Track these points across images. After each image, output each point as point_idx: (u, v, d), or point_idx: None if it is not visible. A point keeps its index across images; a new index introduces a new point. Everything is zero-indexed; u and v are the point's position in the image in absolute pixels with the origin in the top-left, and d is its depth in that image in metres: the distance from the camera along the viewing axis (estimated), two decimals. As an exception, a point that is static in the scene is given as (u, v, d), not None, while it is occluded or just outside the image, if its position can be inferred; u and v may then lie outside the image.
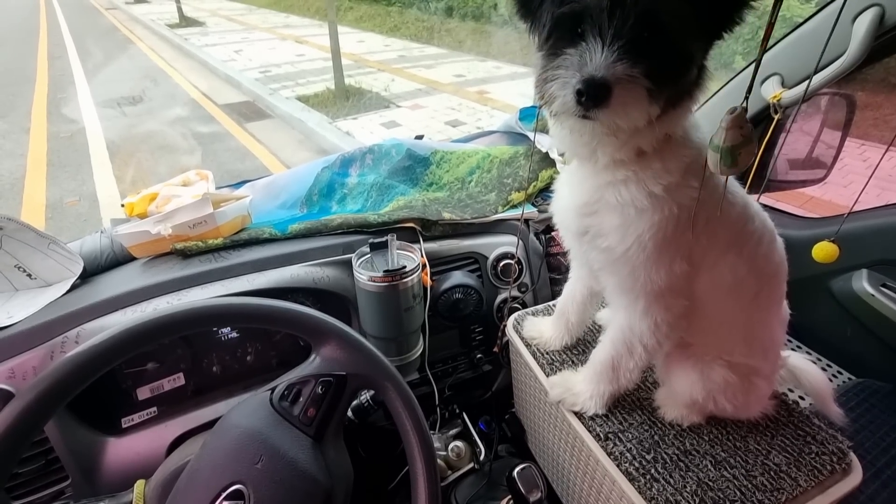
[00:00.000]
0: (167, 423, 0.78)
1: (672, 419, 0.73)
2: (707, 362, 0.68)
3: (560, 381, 0.79)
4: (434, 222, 0.95)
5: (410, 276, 0.78)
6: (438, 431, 0.99)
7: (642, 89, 0.47)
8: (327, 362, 0.59)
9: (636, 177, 0.58)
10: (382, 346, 0.84)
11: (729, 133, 0.46)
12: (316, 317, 0.59)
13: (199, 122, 4.78)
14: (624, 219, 0.60)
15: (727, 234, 0.62)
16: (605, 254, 0.63)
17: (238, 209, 0.85)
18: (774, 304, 0.70)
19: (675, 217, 0.58)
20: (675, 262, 0.60)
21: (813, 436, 0.71)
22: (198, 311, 0.52)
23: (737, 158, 0.47)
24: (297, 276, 0.80)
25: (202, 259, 0.78)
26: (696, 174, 0.57)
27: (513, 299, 1.03)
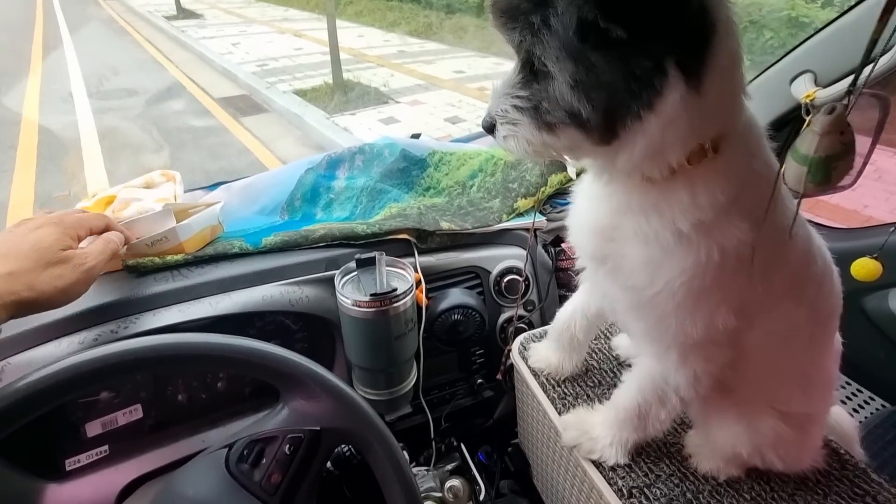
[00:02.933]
0: (120, 465, 0.68)
1: (707, 471, 0.62)
2: (755, 412, 0.58)
3: (575, 423, 0.68)
4: (431, 233, 0.84)
5: (403, 299, 0.67)
6: (434, 467, 0.88)
7: (525, 117, 0.44)
8: (297, 415, 0.48)
9: (657, 209, 0.47)
10: (370, 379, 0.73)
11: (824, 140, 0.35)
12: (282, 357, 0.48)
13: (194, 116, 4.67)
14: (650, 256, 0.48)
15: (786, 280, 0.51)
16: (628, 293, 0.52)
17: (206, 219, 0.73)
18: (829, 341, 0.60)
19: (716, 264, 0.46)
20: (719, 315, 0.48)
21: (873, 496, 0.60)
22: (116, 355, 0.41)
23: (830, 173, 0.36)
24: (271, 297, 0.69)
25: (158, 277, 0.67)
26: (744, 210, 0.45)
27: (518, 319, 0.93)
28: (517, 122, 0.45)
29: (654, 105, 0.38)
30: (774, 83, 1.15)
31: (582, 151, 0.46)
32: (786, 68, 1.12)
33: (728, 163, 0.44)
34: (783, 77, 1.12)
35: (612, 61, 0.38)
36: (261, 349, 0.47)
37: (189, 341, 0.44)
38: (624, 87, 0.38)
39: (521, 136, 0.45)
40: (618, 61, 0.38)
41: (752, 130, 0.47)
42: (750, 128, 0.47)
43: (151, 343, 0.43)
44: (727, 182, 0.44)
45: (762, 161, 0.47)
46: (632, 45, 0.37)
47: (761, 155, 0.47)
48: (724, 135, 0.44)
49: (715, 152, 0.44)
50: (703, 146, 0.43)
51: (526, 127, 0.44)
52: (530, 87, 0.43)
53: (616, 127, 0.41)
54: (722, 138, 0.44)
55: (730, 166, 0.45)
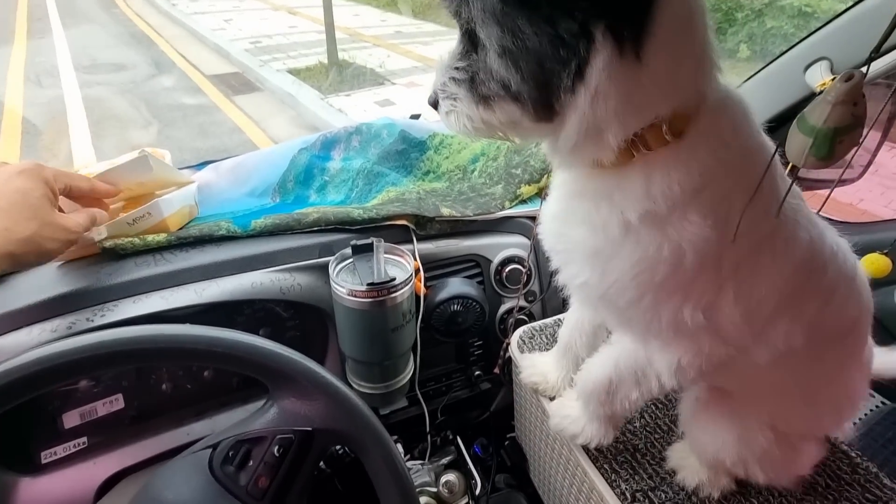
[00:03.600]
0: (99, 458, 0.64)
1: (695, 486, 0.58)
2: (750, 426, 0.54)
3: (557, 407, 0.66)
4: (430, 219, 0.80)
5: (401, 289, 0.64)
6: (429, 461, 0.86)
7: (462, 90, 0.41)
8: (287, 415, 0.45)
9: (608, 196, 0.42)
10: (364, 372, 0.70)
11: (836, 109, 0.32)
12: (271, 352, 0.44)
13: (185, 93, 4.54)
14: (598, 247, 0.44)
15: (775, 295, 0.44)
16: (584, 287, 0.48)
17: (186, 196, 0.68)
18: (850, 356, 0.53)
19: (668, 261, 0.41)
20: (683, 312, 0.43)
21: (885, 502, 0.58)
22: (87, 347, 0.37)
23: (834, 147, 0.33)
24: (261, 284, 0.65)
25: (139, 261, 0.63)
26: (707, 205, 0.40)
27: (519, 310, 0.89)
28: (455, 95, 0.41)
29: (583, 74, 0.34)
30: (788, 70, 1.11)
31: (523, 130, 0.42)
32: (801, 55, 1.08)
33: (691, 150, 0.39)
34: (798, 64, 1.08)
35: (537, 24, 0.34)
36: (247, 343, 0.44)
37: (168, 333, 0.41)
38: (552, 54, 0.34)
39: (460, 112, 0.42)
40: (544, 24, 0.34)
41: (727, 112, 0.41)
42: (724, 109, 0.40)
43: (126, 335, 0.39)
44: (687, 173, 0.39)
45: (740, 150, 0.41)
46: (557, 5, 0.33)
47: (739, 142, 0.41)
48: (688, 115, 0.39)
49: (677, 136, 0.39)
50: (658, 128, 0.38)
51: (463, 101, 0.41)
52: (469, 57, 0.40)
53: (551, 100, 0.37)
54: (685, 119, 0.39)
55: (693, 154, 0.39)
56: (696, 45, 0.37)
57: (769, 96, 1.18)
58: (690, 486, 0.59)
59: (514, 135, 0.43)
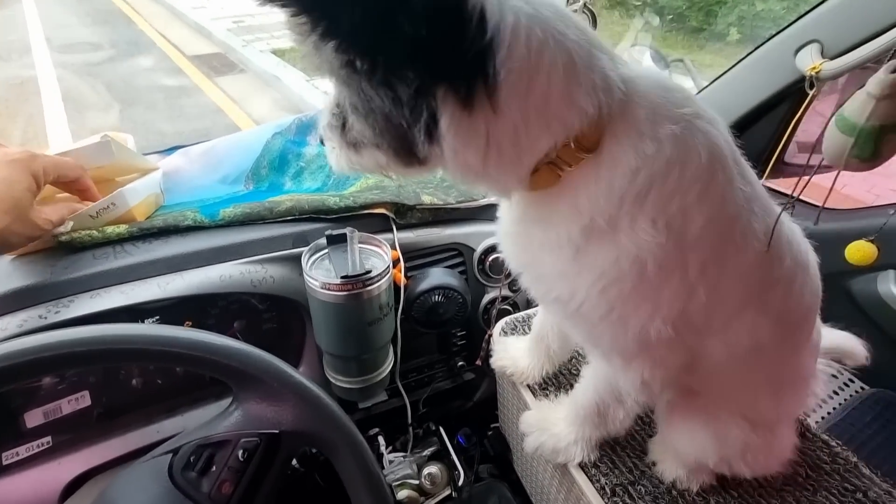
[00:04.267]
0: (64, 458, 0.62)
1: (673, 479, 0.58)
2: (722, 420, 0.53)
3: (537, 421, 0.64)
4: (411, 207, 0.77)
5: (377, 282, 0.61)
6: (411, 453, 0.85)
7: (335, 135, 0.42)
8: (252, 417, 0.43)
9: (549, 220, 0.42)
10: (342, 366, 0.68)
11: (882, 105, 0.29)
12: (234, 350, 0.42)
13: (165, 74, 4.40)
14: (562, 267, 0.43)
15: (741, 289, 0.44)
16: (555, 305, 0.47)
17: (152, 184, 0.65)
18: (804, 339, 0.54)
19: (630, 273, 0.39)
20: (651, 326, 0.42)
21: (864, 492, 0.58)
22: (27, 350, 0.35)
23: (881, 147, 0.30)
24: (230, 277, 0.62)
25: (98, 254, 0.59)
26: (655, 208, 0.38)
27: (503, 300, 0.88)
28: (331, 139, 0.42)
29: (437, 132, 0.34)
30: (778, 53, 1.08)
31: (398, 172, 0.42)
32: (791, 38, 1.05)
33: (611, 160, 0.38)
34: (788, 47, 1.06)
35: (376, 87, 0.33)
36: (206, 342, 0.41)
37: (117, 333, 0.38)
38: (397, 114, 0.34)
39: (339, 155, 0.42)
40: (382, 87, 0.33)
41: (637, 107, 0.38)
42: (632, 106, 0.38)
43: (69, 337, 0.36)
44: (609, 185, 0.38)
45: (670, 141, 0.37)
46: (390, 71, 0.32)
47: (662, 133, 0.37)
48: (593, 130, 0.37)
49: (591, 151, 0.37)
50: (569, 148, 0.37)
51: (337, 146, 0.42)
52: (342, 104, 0.39)
53: (413, 151, 0.36)
54: (595, 132, 0.37)
55: (614, 164, 0.38)
56: (558, 75, 0.35)
57: (759, 80, 1.16)
58: (669, 479, 0.58)
59: (389, 175, 0.43)
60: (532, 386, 0.71)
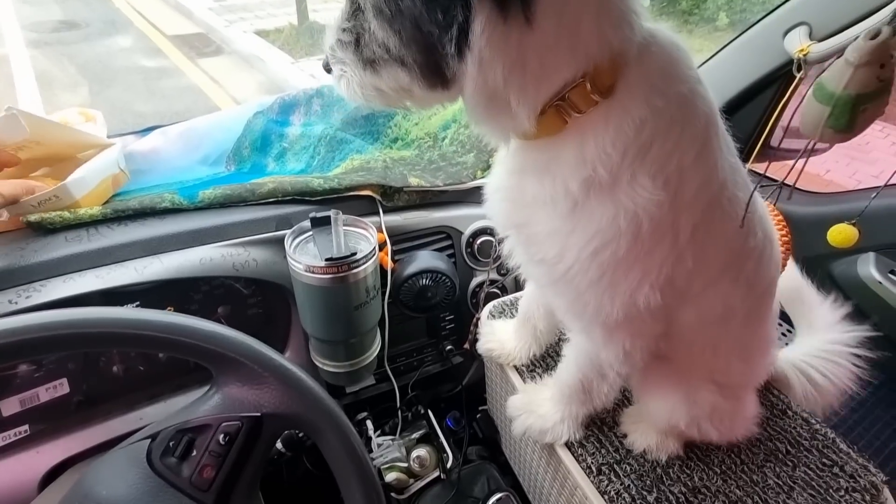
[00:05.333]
0: (42, 446, 0.60)
1: (643, 449, 0.59)
2: (693, 384, 0.55)
3: (524, 404, 0.64)
4: (398, 189, 0.76)
5: (363, 264, 0.60)
6: (399, 436, 0.85)
7: (348, 53, 0.38)
8: (232, 401, 0.42)
9: (548, 169, 0.40)
10: (328, 350, 0.67)
11: (859, 72, 0.28)
12: (210, 333, 0.40)
13: (144, 55, 4.26)
14: (555, 224, 0.42)
15: (722, 256, 0.44)
16: (541, 268, 0.45)
17: (103, 167, 0.61)
18: (767, 309, 0.55)
19: (626, 232, 0.38)
20: (640, 294, 0.42)
21: (841, 466, 0.60)
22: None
23: (856, 117, 0.30)
24: (210, 260, 0.61)
25: (70, 237, 0.57)
26: (654, 165, 0.37)
27: (492, 283, 0.87)
28: (343, 60, 0.38)
29: (466, 40, 0.31)
30: (767, 36, 1.08)
31: (416, 97, 0.38)
32: (779, 20, 1.05)
33: (620, 107, 0.36)
34: (777, 29, 1.05)
35: None
36: (182, 325, 0.40)
37: (88, 317, 0.36)
38: (428, 17, 0.31)
39: (350, 78, 0.38)
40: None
41: (655, 59, 0.37)
42: (651, 56, 0.37)
43: (37, 321, 0.35)
44: (616, 132, 0.36)
45: (676, 98, 0.37)
46: None
47: (673, 90, 0.37)
48: (613, 69, 0.35)
49: (605, 95, 0.36)
50: (583, 87, 0.35)
51: (350, 65, 0.38)
52: (356, 16, 0.36)
53: (440, 66, 0.33)
54: (611, 74, 0.35)
55: (623, 111, 0.36)
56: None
57: (748, 63, 1.15)
58: (639, 449, 0.60)
59: (409, 102, 0.39)
60: (519, 367, 0.72)
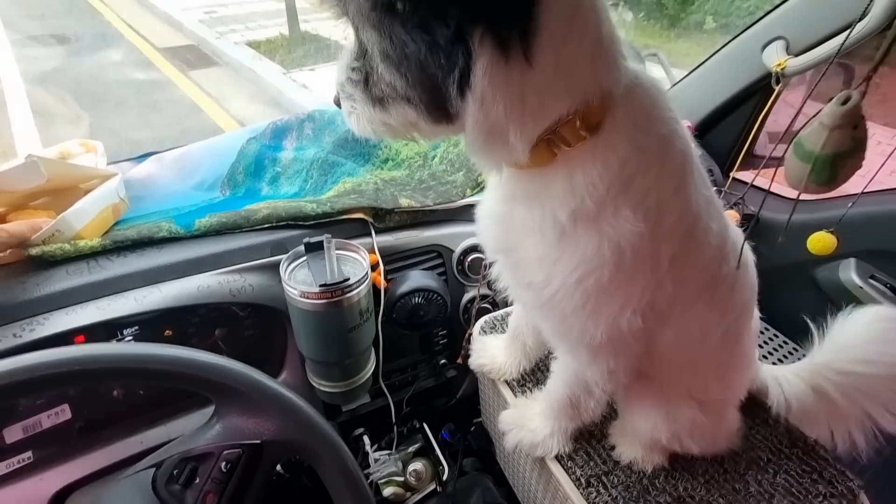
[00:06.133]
0: (45, 473, 0.61)
1: (630, 461, 0.62)
2: (674, 400, 0.57)
3: (515, 419, 0.67)
4: (389, 211, 0.78)
5: (356, 288, 0.62)
6: (396, 450, 0.87)
7: (358, 91, 0.40)
8: (233, 430, 0.43)
9: (538, 198, 0.42)
10: (324, 371, 0.69)
11: (834, 134, 0.31)
12: (212, 365, 0.42)
13: (136, 68, 4.26)
14: (543, 251, 0.44)
15: (699, 281, 0.47)
16: (528, 292, 0.48)
17: (103, 198, 0.63)
18: (744, 328, 0.58)
19: (610, 261, 0.41)
20: (623, 318, 0.44)
21: (819, 472, 0.62)
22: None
23: (837, 172, 0.32)
24: (208, 287, 0.62)
25: (71, 269, 0.59)
26: (636, 198, 0.40)
27: (482, 298, 0.89)
28: (353, 96, 0.40)
29: (469, 80, 0.33)
30: (746, 49, 1.11)
31: (424, 131, 0.40)
32: (758, 34, 1.08)
33: (609, 142, 0.39)
34: (755, 43, 1.09)
35: (412, 31, 0.32)
36: (184, 357, 0.42)
37: (92, 354, 0.38)
38: (432, 60, 0.33)
39: (359, 114, 0.41)
40: (418, 30, 0.32)
41: (639, 100, 0.40)
42: (636, 97, 0.40)
43: (42, 360, 0.37)
44: (604, 167, 0.39)
45: (657, 137, 0.40)
46: (430, 11, 0.31)
47: (655, 129, 0.40)
48: (601, 108, 0.38)
49: (593, 131, 0.38)
50: (573, 123, 0.37)
51: (360, 102, 0.40)
52: (364, 56, 0.38)
53: (444, 104, 0.36)
54: (599, 112, 0.38)
55: (609, 148, 0.39)
56: (589, 39, 0.36)
57: (728, 76, 1.19)
58: (626, 460, 0.62)
59: (416, 135, 0.41)
60: (510, 382, 0.74)
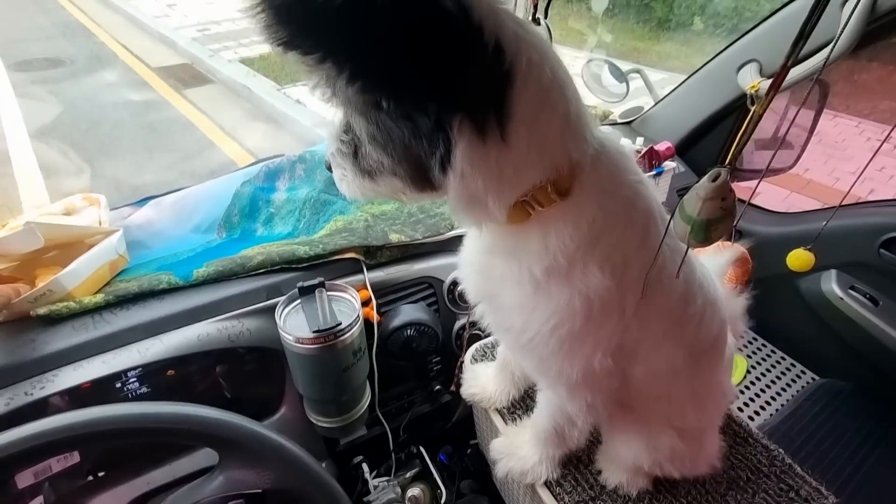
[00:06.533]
0: (57, 517, 0.65)
1: (615, 485, 0.65)
2: (654, 429, 0.60)
3: (505, 447, 0.70)
4: (380, 247, 0.81)
5: (349, 331, 0.65)
6: (394, 476, 0.89)
7: (347, 163, 0.43)
8: (236, 481, 0.46)
9: (515, 253, 0.46)
10: (321, 408, 0.72)
11: (706, 204, 0.35)
12: (214, 419, 0.45)
13: (130, 89, 4.29)
14: (520, 300, 0.48)
15: (663, 324, 0.51)
16: (508, 335, 0.52)
17: (99, 256, 0.66)
18: (716, 362, 0.61)
19: (581, 311, 0.45)
20: (595, 360, 0.48)
21: (797, 490, 0.65)
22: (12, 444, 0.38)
23: (710, 234, 0.36)
24: (208, 335, 0.65)
25: (77, 325, 0.62)
26: (602, 255, 0.44)
27: (472, 325, 0.92)
28: (343, 166, 0.43)
29: (449, 160, 0.37)
30: (722, 71, 1.15)
31: (411, 197, 0.43)
32: (733, 56, 1.12)
33: (578, 205, 0.42)
34: (731, 65, 1.13)
35: (396, 119, 0.36)
36: (187, 415, 0.45)
37: (97, 417, 0.41)
38: (416, 144, 0.37)
39: (349, 181, 0.44)
40: (401, 119, 0.36)
41: (604, 165, 0.43)
42: (601, 162, 0.43)
43: (55, 424, 0.40)
44: (574, 228, 0.43)
45: (622, 199, 0.44)
46: (410, 103, 0.35)
47: (619, 192, 0.44)
48: (570, 174, 0.41)
49: (563, 195, 0.42)
50: (545, 189, 0.41)
51: (349, 172, 0.43)
52: (352, 130, 0.41)
53: (428, 177, 0.39)
54: (569, 178, 0.41)
55: (579, 210, 0.42)
56: (558, 117, 0.39)
57: (706, 95, 1.23)
58: (612, 485, 0.65)
59: (404, 199, 0.45)
60: (501, 410, 0.77)
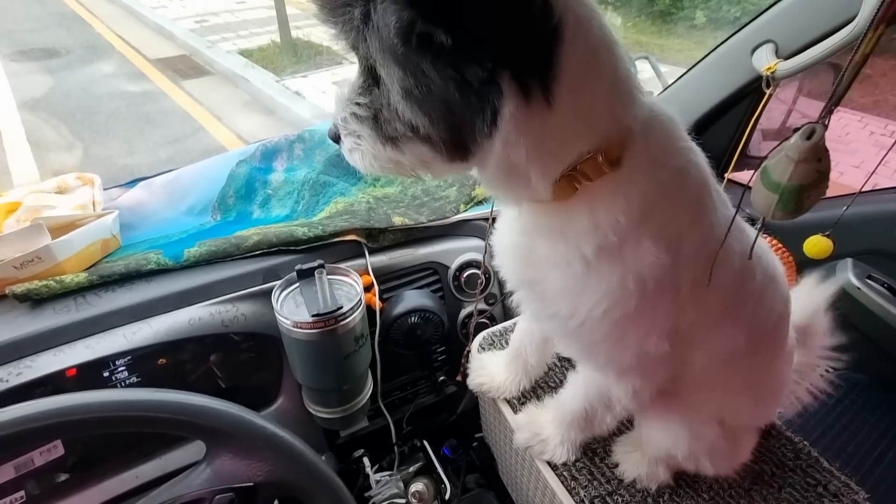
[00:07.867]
0: (40, 512, 0.61)
1: (634, 478, 0.61)
2: (700, 420, 0.56)
3: (527, 423, 0.66)
4: (383, 230, 0.77)
5: (350, 315, 0.61)
6: (397, 471, 0.86)
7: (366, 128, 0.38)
8: (225, 473, 0.43)
9: (562, 233, 0.42)
10: (321, 398, 0.68)
11: (799, 167, 0.31)
12: (201, 407, 0.42)
13: (128, 80, 4.24)
14: (567, 283, 0.44)
15: (721, 302, 0.47)
16: (554, 322, 0.48)
17: (94, 233, 0.63)
18: (777, 347, 0.57)
19: (635, 291, 0.41)
20: (649, 343, 0.45)
21: (825, 485, 0.61)
22: None
23: (803, 202, 0.32)
24: (199, 320, 0.61)
25: (58, 307, 0.58)
26: (655, 230, 0.40)
27: (480, 314, 0.89)
28: (358, 133, 0.39)
29: (496, 121, 0.33)
30: (736, 53, 1.11)
31: (435, 169, 0.40)
32: (748, 38, 1.08)
33: (628, 179, 0.39)
34: (745, 47, 1.08)
35: (442, 69, 0.32)
36: (173, 402, 0.41)
37: (79, 403, 0.37)
38: (460, 100, 0.33)
39: (365, 151, 0.39)
40: (449, 69, 0.32)
41: (656, 133, 0.40)
42: (653, 130, 0.40)
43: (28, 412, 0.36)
44: (626, 202, 0.39)
45: (673, 169, 0.41)
46: (461, 52, 0.31)
47: (671, 162, 0.41)
48: (621, 143, 0.38)
49: (614, 166, 0.38)
50: (595, 159, 0.37)
51: (367, 140, 0.39)
52: (371, 92, 0.37)
53: (466, 143, 0.35)
54: (620, 147, 0.38)
55: (631, 182, 0.39)
56: (606, 79, 0.36)
57: (719, 78, 1.18)
58: (629, 478, 0.61)
59: (425, 173, 0.41)
60: (510, 400, 0.73)
